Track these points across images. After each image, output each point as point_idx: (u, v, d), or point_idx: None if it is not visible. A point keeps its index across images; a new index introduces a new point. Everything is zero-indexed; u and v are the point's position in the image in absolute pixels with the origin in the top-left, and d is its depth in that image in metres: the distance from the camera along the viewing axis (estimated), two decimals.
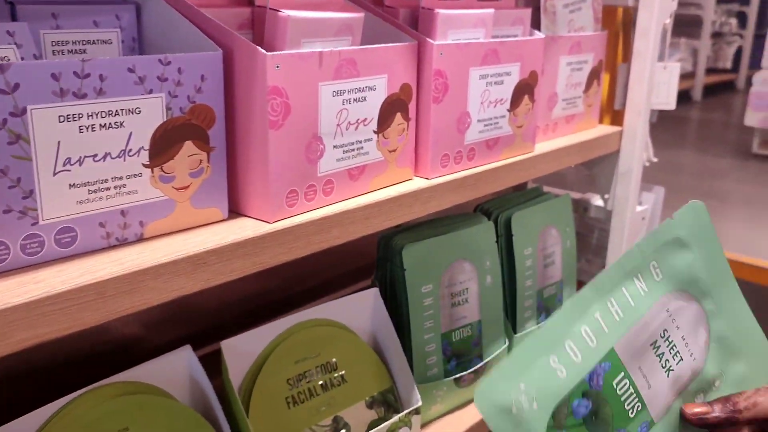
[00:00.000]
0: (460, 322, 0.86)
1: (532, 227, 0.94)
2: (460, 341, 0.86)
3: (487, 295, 0.88)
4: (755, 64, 4.82)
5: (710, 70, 6.25)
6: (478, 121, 0.74)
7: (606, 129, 1.00)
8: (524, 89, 0.79)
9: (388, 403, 0.77)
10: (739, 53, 6.44)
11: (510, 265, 0.92)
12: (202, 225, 0.54)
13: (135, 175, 0.49)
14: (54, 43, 0.54)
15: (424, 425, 0.82)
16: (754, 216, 3.25)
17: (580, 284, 1.14)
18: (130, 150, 0.48)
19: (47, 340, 0.42)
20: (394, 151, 0.66)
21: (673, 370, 0.54)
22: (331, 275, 1.00)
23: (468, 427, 0.83)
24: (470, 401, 0.88)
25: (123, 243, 0.50)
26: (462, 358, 0.86)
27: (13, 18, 0.52)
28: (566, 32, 0.92)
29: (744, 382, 0.57)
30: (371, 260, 0.86)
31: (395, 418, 0.74)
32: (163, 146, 0.50)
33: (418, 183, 0.68)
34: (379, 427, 0.72)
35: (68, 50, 0.55)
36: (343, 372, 0.75)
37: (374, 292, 0.79)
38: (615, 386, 0.50)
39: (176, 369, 0.65)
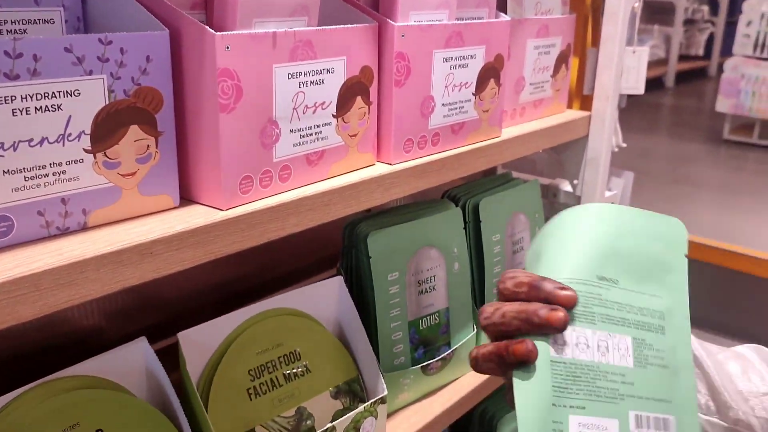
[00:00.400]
0: (428, 309, 0.84)
1: (500, 213, 0.93)
2: (428, 329, 0.84)
3: (455, 282, 0.87)
4: (727, 51, 4.87)
5: (683, 57, 6.31)
6: (443, 105, 0.72)
7: (574, 114, 0.99)
8: (490, 73, 0.78)
9: (353, 392, 0.76)
10: (711, 40, 6.51)
11: (478, 252, 0.91)
12: (151, 213, 0.52)
13: (76, 161, 0.47)
14: None
15: (390, 414, 0.81)
16: (724, 201, 3.29)
17: None
18: (70, 134, 0.46)
19: None
20: (355, 135, 0.64)
21: None
22: (296, 265, 0.98)
23: (436, 415, 0.82)
24: (438, 389, 0.87)
25: (65, 232, 0.47)
26: (430, 345, 0.85)
27: None
28: (533, 15, 0.90)
29: None
30: (338, 249, 0.84)
31: (360, 408, 0.72)
32: (107, 131, 0.48)
33: (380, 169, 0.67)
34: (343, 417, 0.71)
35: (7, 30, 0.52)
36: (307, 362, 0.73)
37: (339, 280, 0.77)
38: None
39: (131, 362, 0.63)
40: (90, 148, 0.47)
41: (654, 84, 6.28)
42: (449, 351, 0.86)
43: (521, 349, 0.40)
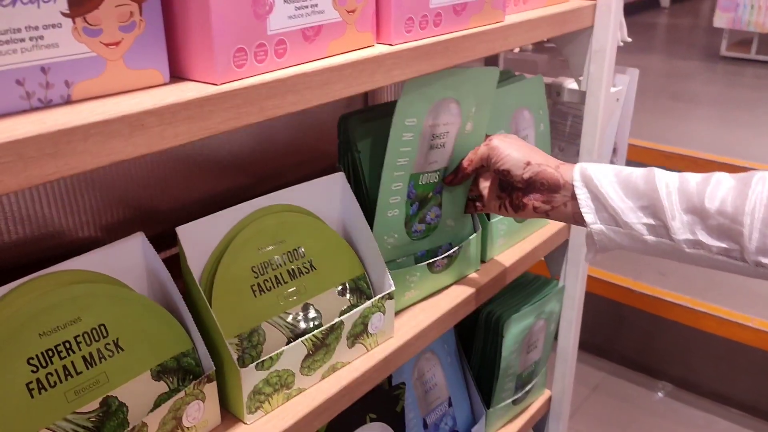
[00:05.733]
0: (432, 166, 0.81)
1: (503, 109, 0.90)
2: (424, 186, 0.82)
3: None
4: None
5: None
6: None
7: (579, 2, 0.95)
8: None
9: (360, 290, 0.74)
10: None
11: None
12: (139, 89, 0.49)
13: (53, 26, 0.43)
14: None
15: (397, 313, 0.80)
16: (722, 115, 3.25)
17: None
18: None
19: None
20: (353, 12, 0.60)
21: None
22: (301, 174, 0.95)
23: (442, 313, 0.81)
24: (445, 287, 0.86)
25: (48, 105, 0.44)
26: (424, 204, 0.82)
27: None
28: None
29: None
30: None
31: (368, 303, 0.71)
32: None
33: (380, 49, 0.63)
34: (351, 312, 0.70)
35: None
36: (311, 259, 0.71)
37: (340, 176, 0.75)
38: None
39: (130, 257, 0.61)
40: (68, 12, 0.43)
41: (650, 4, 6.12)
42: (455, 249, 0.85)
43: None
